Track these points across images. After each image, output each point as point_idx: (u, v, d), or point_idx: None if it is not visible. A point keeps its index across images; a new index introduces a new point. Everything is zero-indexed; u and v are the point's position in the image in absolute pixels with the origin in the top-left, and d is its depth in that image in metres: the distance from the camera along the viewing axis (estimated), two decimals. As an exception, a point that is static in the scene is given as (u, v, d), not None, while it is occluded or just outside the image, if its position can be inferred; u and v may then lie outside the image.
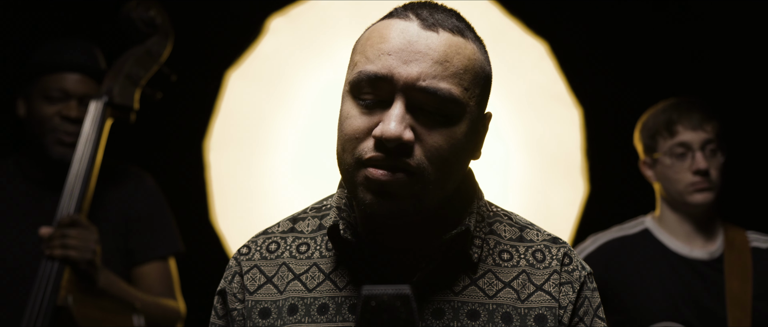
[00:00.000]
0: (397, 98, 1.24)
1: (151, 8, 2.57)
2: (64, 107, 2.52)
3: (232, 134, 3.46)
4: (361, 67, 1.27)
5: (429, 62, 1.24)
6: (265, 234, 1.44)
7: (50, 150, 2.53)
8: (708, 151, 2.52)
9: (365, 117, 1.26)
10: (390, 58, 1.25)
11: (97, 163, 2.46)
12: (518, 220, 1.42)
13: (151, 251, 2.64)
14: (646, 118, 2.63)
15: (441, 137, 1.25)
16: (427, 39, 1.26)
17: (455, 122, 1.26)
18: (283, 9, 3.42)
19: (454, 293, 1.32)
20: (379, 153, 1.23)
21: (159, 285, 2.63)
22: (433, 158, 1.25)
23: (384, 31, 1.28)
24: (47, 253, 2.35)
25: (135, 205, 2.64)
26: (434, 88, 1.24)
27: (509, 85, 3.41)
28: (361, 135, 1.26)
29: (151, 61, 2.57)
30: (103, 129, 2.48)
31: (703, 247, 2.58)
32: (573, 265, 1.37)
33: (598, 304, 1.38)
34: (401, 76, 1.24)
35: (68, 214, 2.38)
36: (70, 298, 2.32)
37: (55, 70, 2.54)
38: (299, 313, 1.34)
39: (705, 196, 2.52)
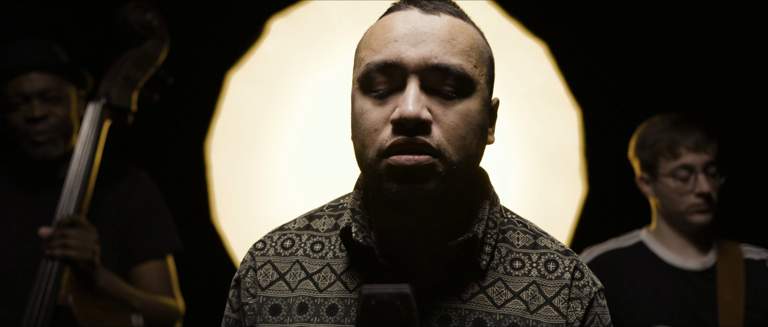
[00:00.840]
0: (411, 81, 1.24)
1: (147, 11, 2.57)
2: (27, 109, 2.51)
3: (233, 135, 3.46)
4: (368, 59, 1.27)
5: (436, 41, 1.26)
6: (281, 230, 1.44)
7: (30, 153, 2.53)
8: (709, 172, 2.53)
9: (380, 108, 1.26)
10: (397, 44, 1.26)
11: (95, 164, 2.47)
12: (533, 228, 1.40)
13: (149, 250, 2.64)
14: (644, 134, 2.63)
15: (457, 116, 1.25)
16: (431, 21, 1.27)
17: (468, 98, 1.27)
18: (283, 10, 3.42)
19: (461, 301, 1.31)
20: (399, 136, 1.23)
21: (158, 283, 2.63)
22: (451, 137, 1.24)
23: (387, 22, 1.30)
24: (47, 253, 2.35)
25: (132, 203, 2.64)
26: (446, 63, 1.25)
27: (508, 86, 3.41)
28: (379, 126, 1.25)
29: (148, 63, 2.58)
30: (101, 130, 2.49)
31: (696, 258, 2.60)
32: (584, 280, 1.35)
33: (608, 321, 1.37)
34: (411, 58, 1.25)
35: (68, 215, 2.38)
36: (70, 298, 2.32)
37: (7, 77, 2.52)
38: (309, 312, 1.34)
39: (705, 217, 2.55)
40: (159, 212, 2.69)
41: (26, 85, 2.51)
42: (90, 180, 2.45)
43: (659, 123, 2.60)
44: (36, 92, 2.51)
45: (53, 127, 2.52)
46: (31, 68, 2.52)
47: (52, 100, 2.53)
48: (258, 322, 1.36)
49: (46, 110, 2.52)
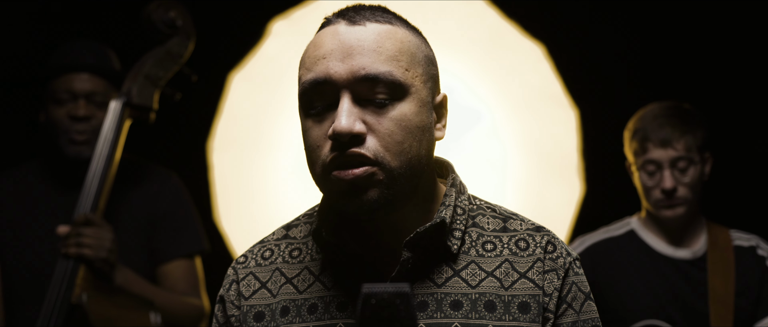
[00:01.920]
0: (343, 95, 1.26)
1: (171, 9, 2.57)
2: (72, 107, 2.54)
3: (235, 135, 3.47)
4: (303, 78, 1.30)
5: (363, 52, 1.27)
6: (261, 243, 1.47)
7: (64, 150, 2.55)
8: (678, 168, 2.53)
9: (319, 125, 1.28)
10: (326, 61, 1.27)
11: (114, 163, 2.47)
12: (502, 212, 1.42)
13: (176, 249, 2.64)
14: (631, 123, 2.65)
15: (391, 122, 1.27)
16: (357, 32, 1.28)
17: (402, 102, 1.28)
18: (285, 12, 3.43)
19: (436, 285, 1.33)
20: (337, 151, 1.25)
21: (183, 283, 2.63)
22: (388, 145, 1.26)
23: (316, 40, 1.32)
24: (63, 251, 2.36)
25: (160, 203, 2.65)
26: (374, 73, 1.26)
27: (507, 87, 3.42)
28: (320, 142, 1.28)
29: (172, 61, 2.57)
30: (121, 129, 2.49)
31: (687, 247, 2.61)
32: (557, 252, 1.37)
33: (587, 289, 1.38)
34: (340, 73, 1.26)
35: (83, 214, 2.39)
36: (84, 296, 2.33)
37: (60, 72, 2.56)
38: (291, 314, 1.36)
39: (674, 212, 2.55)
40: (187, 213, 2.70)
41: (76, 84, 2.54)
42: (108, 179, 2.45)
43: (645, 114, 2.61)
44: (84, 93, 2.54)
45: (92, 129, 2.54)
46: (85, 69, 2.56)
47: (97, 103, 2.56)
48: None
49: (90, 112, 2.54)
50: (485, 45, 3.42)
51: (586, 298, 1.37)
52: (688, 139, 2.53)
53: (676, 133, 2.52)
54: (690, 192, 2.54)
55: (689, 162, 2.53)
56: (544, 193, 3.43)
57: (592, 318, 1.37)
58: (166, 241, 2.64)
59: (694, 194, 2.56)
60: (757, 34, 3.36)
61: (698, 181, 2.56)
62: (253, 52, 3.44)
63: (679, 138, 2.52)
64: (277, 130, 3.43)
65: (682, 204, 2.55)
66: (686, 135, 2.53)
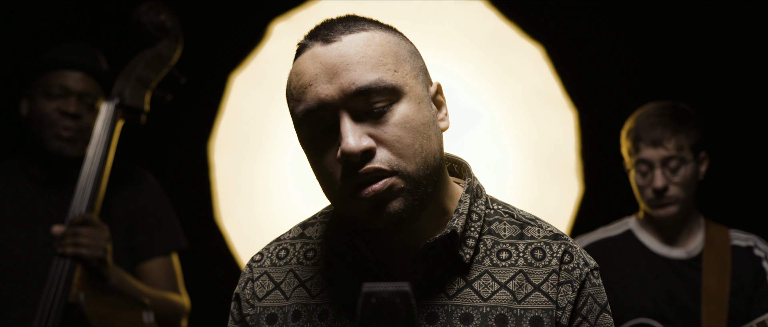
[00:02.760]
0: (341, 116, 1.23)
1: (161, 12, 2.57)
2: (63, 103, 2.54)
3: (236, 135, 3.47)
4: (296, 112, 1.27)
5: (348, 68, 1.23)
6: (278, 241, 1.45)
7: (48, 144, 2.54)
8: (669, 167, 2.53)
9: (326, 153, 1.26)
10: (313, 88, 1.24)
11: (108, 164, 2.47)
12: (520, 217, 1.38)
13: (155, 247, 2.65)
14: (627, 124, 2.65)
15: (396, 128, 1.24)
16: (335, 50, 1.25)
17: (399, 103, 1.25)
18: (286, 13, 3.43)
19: (448, 297, 1.30)
20: (350, 173, 1.23)
21: (163, 280, 2.64)
22: (400, 151, 1.23)
23: (297, 68, 1.28)
24: (59, 251, 2.36)
25: (137, 203, 2.66)
26: (366, 84, 1.23)
27: (506, 88, 3.42)
28: (332, 168, 1.25)
29: (162, 64, 2.58)
30: (114, 130, 2.50)
31: (682, 247, 2.62)
32: (574, 263, 1.33)
33: (604, 300, 1.35)
34: (331, 95, 1.23)
35: (80, 214, 2.39)
36: (81, 295, 2.33)
37: (56, 68, 2.56)
38: (302, 319, 1.35)
39: (666, 211, 2.56)
40: (163, 211, 2.70)
41: (71, 82, 2.55)
42: (102, 179, 2.46)
43: (640, 115, 2.62)
44: (77, 91, 2.55)
45: (80, 128, 2.54)
46: (80, 68, 2.56)
47: (87, 105, 2.56)
48: None
49: (80, 111, 2.55)
50: (484, 46, 3.42)
51: (601, 310, 1.34)
52: (680, 139, 2.53)
53: (667, 132, 2.53)
54: (681, 191, 2.54)
55: (681, 161, 2.53)
56: (542, 193, 3.43)
57: None
58: (144, 239, 2.65)
59: (686, 193, 2.55)
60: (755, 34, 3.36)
61: (691, 181, 2.56)
62: (254, 53, 3.44)
63: (670, 137, 2.52)
64: (278, 131, 3.43)
65: (674, 203, 2.55)
66: (678, 134, 2.53)
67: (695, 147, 2.56)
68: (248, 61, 3.45)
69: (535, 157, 3.43)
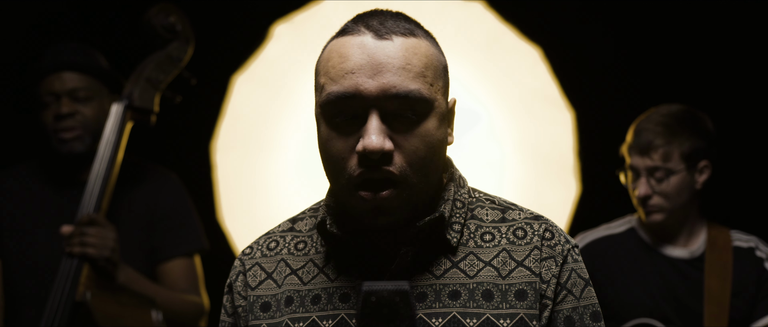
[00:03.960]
0: (371, 112, 1.25)
1: (171, 14, 2.57)
2: (56, 107, 2.54)
3: (238, 136, 3.47)
4: (328, 90, 1.28)
5: (393, 70, 1.26)
6: (267, 235, 1.47)
7: (58, 150, 2.55)
8: (654, 177, 2.51)
9: (344, 138, 1.27)
10: (355, 76, 1.26)
11: (117, 164, 2.47)
12: (501, 203, 1.41)
13: (176, 248, 2.64)
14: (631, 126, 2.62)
15: (416, 139, 1.27)
16: (385, 49, 1.27)
17: (426, 120, 1.28)
18: (287, 16, 3.43)
19: (435, 277, 1.33)
20: (364, 168, 1.25)
21: (183, 281, 2.63)
22: (413, 162, 1.27)
23: (342, 50, 1.29)
24: (67, 250, 2.36)
25: (160, 203, 2.65)
26: (405, 92, 1.25)
27: (504, 89, 3.42)
28: (345, 154, 1.27)
29: (172, 65, 2.57)
30: (123, 131, 2.49)
31: (684, 247, 2.60)
32: (555, 239, 1.36)
33: (586, 276, 1.38)
34: (370, 90, 1.25)
35: (87, 214, 2.39)
36: (88, 294, 2.33)
37: (42, 76, 2.55)
38: (294, 304, 1.36)
39: (651, 217, 2.54)
40: (186, 212, 2.69)
41: (56, 84, 2.54)
42: (111, 179, 2.45)
43: (641, 119, 2.59)
44: (65, 91, 2.54)
45: (80, 124, 2.54)
46: (63, 68, 2.55)
47: (80, 99, 2.55)
48: (250, 320, 1.38)
49: (73, 108, 2.54)
50: (483, 47, 3.42)
51: (586, 284, 1.37)
52: (668, 150, 2.48)
53: (657, 141, 2.49)
54: (666, 201, 2.51)
55: (666, 172, 2.49)
56: (541, 193, 3.43)
57: (593, 304, 1.38)
58: (166, 240, 2.64)
59: (671, 203, 2.51)
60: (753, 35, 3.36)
61: (679, 191, 2.51)
62: (256, 54, 3.45)
63: (657, 148, 2.48)
64: (279, 131, 3.43)
65: (658, 211, 2.52)
66: (668, 145, 2.48)
67: (690, 156, 2.50)
68: (250, 63, 3.45)
69: (534, 158, 3.44)
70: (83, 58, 2.59)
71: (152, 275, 2.62)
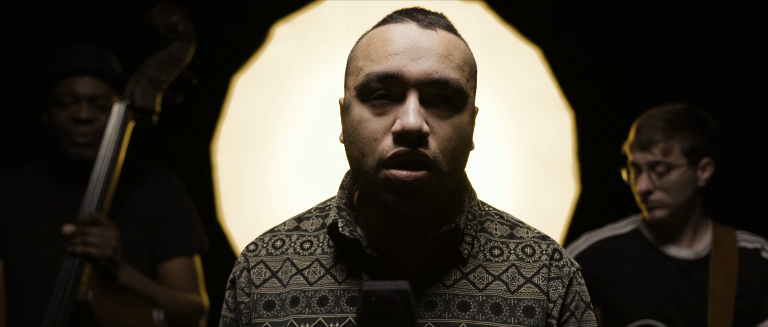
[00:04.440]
0: (410, 93, 1.26)
1: (173, 14, 2.57)
2: (75, 110, 2.54)
3: (238, 136, 3.47)
4: (368, 69, 1.28)
5: (435, 57, 1.27)
6: (272, 232, 1.46)
7: (67, 151, 2.55)
8: (656, 172, 2.51)
9: (379, 118, 1.27)
10: (398, 58, 1.27)
11: (118, 164, 2.47)
12: (509, 219, 1.42)
13: (176, 248, 2.64)
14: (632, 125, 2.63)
15: (450, 128, 1.28)
16: (429, 37, 1.29)
17: (460, 112, 1.29)
18: (287, 17, 3.43)
19: (445, 286, 1.33)
20: (401, 147, 1.24)
21: (183, 281, 2.63)
22: (445, 149, 1.27)
23: (385, 34, 1.30)
24: (69, 250, 2.37)
25: (161, 203, 2.65)
26: (446, 78, 1.27)
27: (504, 90, 3.42)
28: (379, 135, 1.27)
29: (174, 65, 2.57)
30: (125, 131, 2.49)
31: (689, 247, 2.58)
32: (563, 261, 1.37)
33: (588, 299, 1.39)
34: (412, 72, 1.26)
35: (89, 213, 2.39)
36: (89, 294, 2.33)
37: (64, 76, 2.56)
38: (300, 304, 1.35)
39: (653, 214, 2.54)
40: (187, 212, 2.70)
41: (79, 88, 2.54)
42: (112, 179, 2.45)
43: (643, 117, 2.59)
44: (87, 96, 2.54)
45: (95, 131, 2.54)
46: (87, 72, 2.55)
47: (99, 106, 2.56)
48: (253, 318, 1.38)
49: (92, 114, 2.54)
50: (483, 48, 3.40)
51: (587, 307, 1.38)
52: (669, 144, 2.49)
53: (657, 136, 2.50)
54: (667, 196, 2.50)
55: (667, 167, 2.49)
56: (540, 193, 3.43)
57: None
58: (166, 239, 2.64)
59: (673, 199, 2.51)
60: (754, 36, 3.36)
61: (681, 187, 2.51)
62: (256, 55, 3.45)
63: (658, 142, 2.49)
64: (279, 131, 3.43)
65: (660, 207, 2.52)
66: (668, 140, 2.49)
67: (691, 152, 2.51)
68: (250, 64, 3.45)
69: (533, 158, 3.44)
70: (106, 65, 2.61)
71: (153, 275, 2.62)
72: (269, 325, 1.36)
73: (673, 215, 2.54)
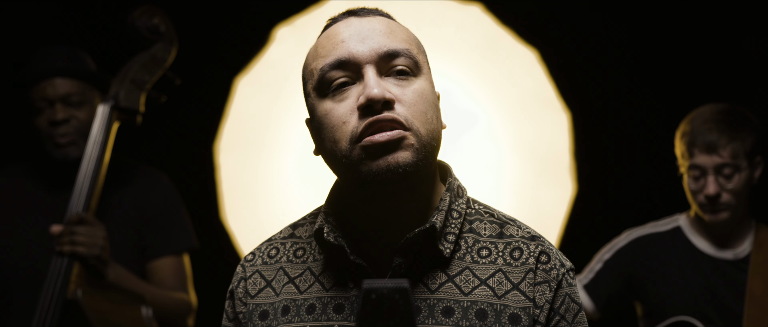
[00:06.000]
0: (367, 69, 1.28)
1: (154, 16, 2.56)
2: (50, 113, 2.53)
3: (240, 137, 3.47)
4: (321, 65, 1.30)
5: (380, 34, 1.30)
6: (269, 241, 1.46)
7: (52, 154, 2.55)
8: (723, 174, 2.44)
9: (342, 103, 1.29)
10: (345, 44, 1.30)
11: (104, 164, 2.46)
12: (500, 216, 1.39)
13: (165, 246, 2.64)
14: (682, 125, 2.54)
15: (414, 94, 1.29)
16: (369, 22, 1.33)
17: (419, 78, 1.31)
18: (288, 19, 3.43)
19: (430, 291, 1.31)
20: (369, 118, 1.25)
21: (172, 279, 2.63)
22: (415, 113, 1.27)
23: (330, 32, 1.34)
24: (57, 249, 2.36)
25: (150, 202, 2.65)
26: (395, 48, 1.29)
27: (502, 90, 3.42)
28: (346, 117, 1.27)
29: (156, 66, 2.57)
30: (110, 131, 2.49)
31: (730, 248, 2.54)
32: (551, 263, 1.34)
33: (579, 299, 1.36)
34: (362, 52, 1.29)
35: (77, 213, 2.38)
36: (79, 292, 2.32)
37: (33, 82, 2.54)
38: (290, 313, 1.36)
39: (716, 217, 2.47)
40: (176, 211, 2.69)
41: (49, 90, 2.53)
42: (99, 179, 2.45)
43: (695, 117, 2.51)
44: (59, 97, 2.53)
45: (75, 129, 2.53)
46: (55, 74, 2.53)
47: (74, 104, 2.54)
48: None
49: (67, 114, 2.53)
50: (481, 50, 3.42)
51: (579, 309, 1.35)
52: (735, 146, 2.43)
53: (722, 139, 2.42)
54: (734, 198, 2.45)
55: (735, 169, 2.43)
56: (537, 193, 3.43)
57: None
58: (155, 238, 2.63)
59: (738, 200, 2.46)
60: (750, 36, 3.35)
61: (744, 187, 2.46)
62: (258, 57, 3.44)
63: (726, 145, 2.42)
64: (281, 132, 3.43)
65: (726, 209, 2.46)
66: (733, 141, 2.43)
67: (750, 153, 2.45)
68: (252, 65, 3.45)
69: (530, 158, 3.43)
70: (74, 63, 2.58)
71: (142, 273, 2.62)
72: None
73: (733, 216, 2.48)
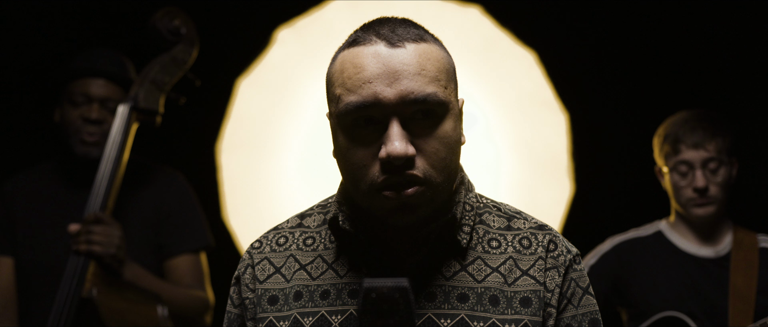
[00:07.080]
0: (392, 119, 1.25)
1: (175, 18, 2.57)
2: (86, 110, 2.54)
3: (242, 137, 3.47)
4: (346, 100, 1.26)
5: (409, 76, 1.25)
6: (276, 229, 1.46)
7: (74, 149, 2.56)
8: (709, 168, 2.52)
9: (364, 147, 1.27)
10: (372, 85, 1.25)
11: (122, 164, 2.47)
12: (507, 210, 1.42)
13: (182, 245, 2.64)
14: (661, 129, 2.63)
15: (436, 142, 1.27)
16: (399, 56, 1.26)
17: (443, 120, 1.28)
18: (290, 21, 3.43)
19: (445, 278, 1.33)
20: (389, 173, 1.25)
21: (189, 277, 2.63)
22: (434, 163, 1.27)
23: (356, 60, 1.28)
24: (74, 248, 2.37)
25: (167, 201, 2.65)
26: (423, 96, 1.25)
27: (500, 92, 3.42)
28: (367, 162, 1.27)
29: (177, 67, 2.57)
30: (129, 132, 2.50)
31: (711, 246, 2.60)
32: (559, 250, 1.37)
33: (586, 283, 1.39)
34: (389, 98, 1.24)
35: (93, 212, 2.39)
36: (94, 291, 2.33)
37: (78, 76, 2.56)
38: (304, 298, 1.36)
39: (705, 210, 2.54)
40: (192, 210, 2.70)
41: (93, 88, 2.55)
42: (116, 179, 2.45)
43: (675, 120, 2.60)
44: (99, 97, 2.55)
45: (103, 132, 2.54)
46: (102, 75, 2.56)
47: (109, 109, 2.56)
48: (258, 313, 1.38)
49: (102, 116, 2.55)
50: (480, 52, 3.42)
51: (584, 292, 1.38)
52: (719, 142, 2.52)
53: (707, 135, 2.52)
54: (720, 191, 2.53)
55: (720, 163, 2.52)
56: (535, 193, 3.43)
57: (591, 311, 1.37)
58: (172, 237, 2.63)
59: (723, 194, 2.54)
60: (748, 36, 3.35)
61: (727, 182, 2.55)
62: (259, 58, 3.44)
63: (711, 140, 2.51)
64: (282, 133, 3.43)
65: (713, 203, 2.53)
66: (717, 138, 2.52)
67: (730, 151, 2.55)
68: (254, 67, 3.45)
69: (529, 159, 3.43)
70: (121, 70, 2.61)
71: (160, 272, 2.62)
72: (273, 319, 1.36)
73: (718, 212, 2.56)
